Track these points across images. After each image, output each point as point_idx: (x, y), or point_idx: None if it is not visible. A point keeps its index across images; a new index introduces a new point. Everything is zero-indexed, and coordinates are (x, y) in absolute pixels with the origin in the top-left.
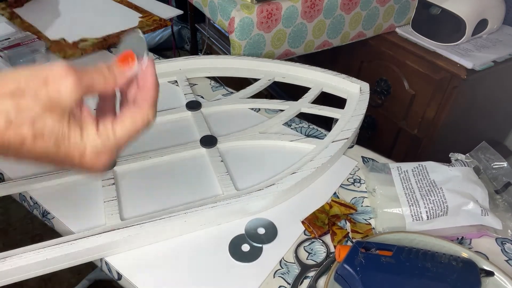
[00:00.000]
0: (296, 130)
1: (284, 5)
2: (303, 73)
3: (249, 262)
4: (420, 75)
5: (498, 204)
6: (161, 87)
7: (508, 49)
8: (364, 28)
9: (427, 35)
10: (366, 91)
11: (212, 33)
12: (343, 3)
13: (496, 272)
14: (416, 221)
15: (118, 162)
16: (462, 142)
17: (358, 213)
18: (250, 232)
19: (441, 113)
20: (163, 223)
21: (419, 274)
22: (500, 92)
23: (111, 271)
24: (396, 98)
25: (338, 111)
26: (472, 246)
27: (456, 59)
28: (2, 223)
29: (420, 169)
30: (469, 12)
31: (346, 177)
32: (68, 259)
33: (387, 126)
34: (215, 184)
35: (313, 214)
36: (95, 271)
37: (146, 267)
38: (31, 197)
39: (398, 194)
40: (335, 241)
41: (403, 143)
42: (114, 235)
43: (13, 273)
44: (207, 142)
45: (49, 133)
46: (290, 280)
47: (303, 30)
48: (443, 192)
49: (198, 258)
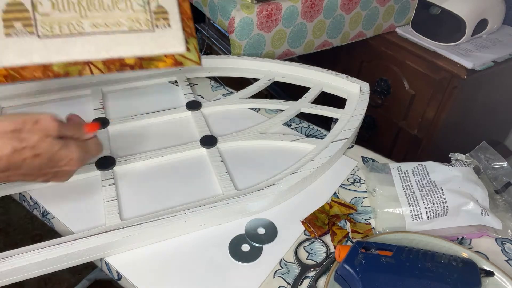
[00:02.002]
0: (296, 130)
1: (284, 5)
2: (303, 73)
3: (249, 262)
4: (420, 75)
5: (498, 204)
6: (161, 87)
7: (508, 49)
8: (364, 28)
9: (427, 35)
10: (366, 91)
11: (212, 33)
12: (343, 3)
13: (496, 272)
14: (416, 221)
15: (118, 162)
16: (462, 142)
17: (358, 213)
18: (250, 232)
19: (441, 113)
20: (163, 223)
21: (419, 274)
22: (500, 92)
23: (111, 271)
24: (396, 98)
25: (338, 111)
26: (472, 246)
27: (456, 59)
28: (2, 223)
29: (420, 169)
30: (469, 12)
31: (346, 177)
32: (68, 259)
33: (387, 126)
34: (215, 184)
35: (313, 214)
36: (95, 271)
37: (146, 267)
38: (31, 197)
39: (398, 194)
40: (335, 241)
41: (403, 143)
42: (114, 235)
43: (13, 273)
44: (207, 142)
45: (45, 152)
46: (290, 280)
47: (303, 30)
48: (443, 192)
49: (198, 258)
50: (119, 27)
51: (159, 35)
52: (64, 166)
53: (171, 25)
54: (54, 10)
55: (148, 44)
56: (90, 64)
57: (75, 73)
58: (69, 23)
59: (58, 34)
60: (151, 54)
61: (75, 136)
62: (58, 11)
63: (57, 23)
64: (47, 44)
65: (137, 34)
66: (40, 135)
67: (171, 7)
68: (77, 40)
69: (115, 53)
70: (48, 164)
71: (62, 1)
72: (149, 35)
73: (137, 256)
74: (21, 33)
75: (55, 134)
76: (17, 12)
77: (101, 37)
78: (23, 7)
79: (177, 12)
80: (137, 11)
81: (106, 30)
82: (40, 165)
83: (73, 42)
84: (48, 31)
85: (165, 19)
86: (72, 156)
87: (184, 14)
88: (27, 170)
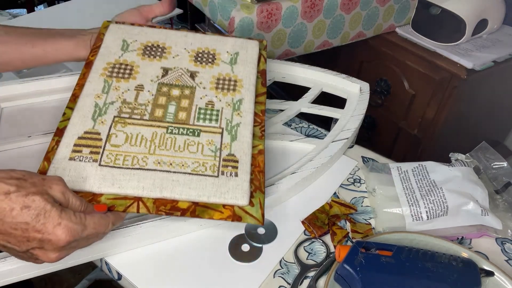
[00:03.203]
0: (296, 130)
1: (284, 5)
2: (303, 73)
3: (249, 262)
4: (420, 75)
5: (498, 204)
6: None
7: (508, 49)
8: (364, 28)
9: (427, 35)
10: (366, 91)
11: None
12: (343, 3)
13: (496, 272)
14: (416, 221)
15: None
16: (462, 142)
17: (358, 213)
18: (250, 232)
19: (441, 113)
20: (163, 223)
21: (419, 274)
22: (500, 92)
23: (111, 271)
24: (396, 98)
25: (338, 111)
26: (472, 246)
27: (456, 59)
28: None
29: (420, 169)
30: (469, 12)
31: (346, 177)
32: (68, 259)
33: (387, 126)
34: None
35: (313, 214)
36: (95, 271)
37: (146, 267)
38: None
39: (398, 194)
40: (335, 241)
41: (403, 143)
42: (114, 235)
43: (13, 273)
44: None
45: (35, 207)
46: (290, 280)
47: (303, 30)
48: (443, 192)
49: (198, 258)
50: (183, 167)
51: (222, 182)
52: (50, 234)
53: (238, 175)
54: (126, 143)
55: (208, 190)
56: (140, 201)
57: (120, 208)
58: (134, 157)
59: (120, 165)
60: (208, 201)
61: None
62: (130, 145)
63: (123, 155)
64: (104, 172)
65: (198, 177)
66: (40, 188)
67: (244, 156)
68: (136, 174)
69: (169, 193)
70: (34, 224)
71: (136, 136)
72: (211, 180)
73: (137, 256)
74: (84, 159)
75: (56, 194)
76: (90, 139)
77: (160, 174)
78: (98, 136)
79: (248, 162)
80: (206, 156)
81: (168, 169)
82: (25, 222)
83: (131, 175)
84: (111, 160)
85: (233, 168)
86: (61, 221)
87: (256, 166)
88: (10, 227)
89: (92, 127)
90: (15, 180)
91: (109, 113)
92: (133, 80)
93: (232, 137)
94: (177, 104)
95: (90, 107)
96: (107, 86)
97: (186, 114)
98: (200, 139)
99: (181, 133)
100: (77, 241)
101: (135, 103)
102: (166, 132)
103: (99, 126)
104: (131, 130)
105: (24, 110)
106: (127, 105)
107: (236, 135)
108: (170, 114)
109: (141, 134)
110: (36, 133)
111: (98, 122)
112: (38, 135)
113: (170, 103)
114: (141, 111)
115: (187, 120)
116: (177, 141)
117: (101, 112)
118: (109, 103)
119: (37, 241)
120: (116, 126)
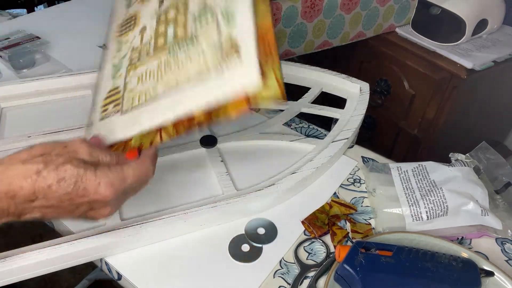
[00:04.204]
0: (296, 130)
1: (284, 5)
2: (303, 73)
3: (249, 262)
4: (420, 75)
5: (498, 204)
6: None
7: (508, 49)
8: (364, 28)
9: (427, 35)
10: (366, 91)
11: None
12: (343, 3)
13: (496, 272)
14: (416, 221)
15: None
16: (462, 142)
17: (358, 213)
18: (250, 232)
19: (441, 113)
20: (163, 223)
21: (419, 274)
22: (500, 92)
23: (111, 271)
24: (396, 98)
25: (338, 111)
26: (472, 246)
27: (456, 59)
28: None
29: (420, 169)
30: (469, 12)
31: (346, 177)
32: (68, 259)
33: (387, 126)
34: (215, 184)
35: (313, 214)
36: (95, 271)
37: (146, 267)
38: None
39: (398, 194)
40: (335, 241)
41: (403, 143)
42: (114, 235)
43: (13, 273)
44: (207, 142)
45: (69, 176)
46: (290, 280)
47: (303, 30)
48: (443, 192)
49: (198, 258)
50: (188, 82)
51: (226, 70)
52: (95, 194)
53: (241, 57)
54: (138, 84)
55: (213, 83)
56: (160, 131)
57: (146, 144)
58: (146, 92)
59: (136, 105)
60: (217, 96)
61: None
62: (142, 83)
63: (138, 96)
64: (126, 118)
65: (203, 81)
66: (66, 157)
67: (247, 37)
68: (149, 106)
69: (182, 109)
70: (76, 191)
71: (145, 73)
72: (214, 75)
73: (137, 256)
74: (110, 114)
75: (83, 156)
76: (113, 96)
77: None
78: (118, 90)
79: (252, 43)
80: (207, 58)
81: (175, 91)
82: (67, 192)
83: (145, 110)
84: (129, 105)
85: (236, 51)
86: (99, 180)
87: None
88: (56, 201)
89: (112, 86)
90: (39, 157)
91: (123, 66)
92: (137, 26)
93: (229, 24)
94: (174, 23)
95: (109, 70)
96: (119, 44)
97: (183, 29)
98: (198, 46)
99: (182, 49)
100: (124, 192)
101: (141, 45)
102: (168, 54)
103: (117, 81)
104: (141, 70)
105: (24, 110)
106: (135, 50)
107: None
108: (170, 37)
109: (149, 70)
110: (36, 133)
111: (116, 78)
112: (38, 135)
113: (169, 27)
114: (146, 48)
115: (185, 34)
116: (179, 58)
117: (117, 69)
118: (122, 57)
119: (85, 205)
120: (129, 74)
